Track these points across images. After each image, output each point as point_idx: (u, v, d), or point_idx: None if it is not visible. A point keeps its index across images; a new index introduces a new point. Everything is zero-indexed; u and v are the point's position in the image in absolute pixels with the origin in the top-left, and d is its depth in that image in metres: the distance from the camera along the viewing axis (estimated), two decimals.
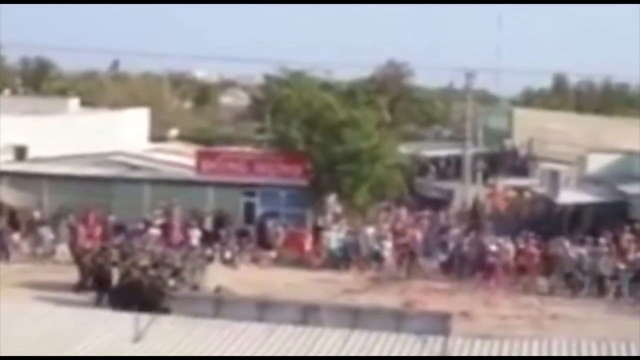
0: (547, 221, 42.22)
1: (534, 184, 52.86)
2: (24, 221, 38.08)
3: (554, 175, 48.31)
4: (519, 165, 59.88)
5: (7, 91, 70.79)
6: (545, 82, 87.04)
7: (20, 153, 44.80)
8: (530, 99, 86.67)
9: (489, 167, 58.53)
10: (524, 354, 12.31)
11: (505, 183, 54.18)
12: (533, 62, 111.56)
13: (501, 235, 37.17)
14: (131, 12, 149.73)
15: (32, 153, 44.59)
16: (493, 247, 34.41)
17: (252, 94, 77.06)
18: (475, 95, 60.74)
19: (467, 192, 51.88)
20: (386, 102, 57.90)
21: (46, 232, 36.59)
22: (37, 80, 75.60)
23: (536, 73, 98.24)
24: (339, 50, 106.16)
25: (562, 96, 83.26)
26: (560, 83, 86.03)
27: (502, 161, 60.78)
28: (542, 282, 33.39)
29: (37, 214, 38.44)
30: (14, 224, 37.51)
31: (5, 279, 31.42)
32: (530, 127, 60.33)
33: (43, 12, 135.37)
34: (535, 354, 12.32)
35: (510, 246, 34.73)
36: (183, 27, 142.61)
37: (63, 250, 35.30)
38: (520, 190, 52.16)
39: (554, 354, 12.42)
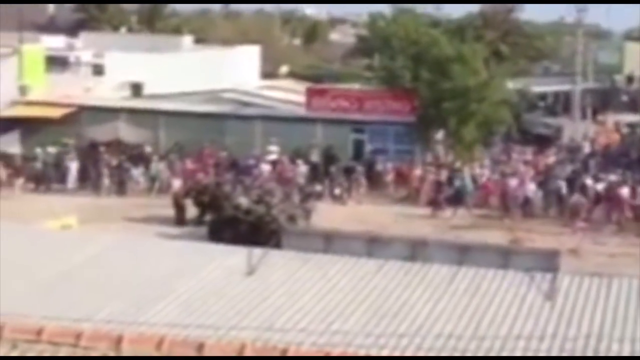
0: None
1: None
2: (141, 157, 39.26)
3: None
4: (630, 101, 58.75)
5: (123, 29, 72.22)
6: None
7: (137, 89, 46.01)
8: None
9: (599, 103, 57.56)
10: (634, 292, 12.29)
11: (616, 119, 53.26)
12: None
13: (610, 173, 36.75)
14: None
15: (147, 90, 45.69)
16: (598, 186, 34.07)
17: (360, 32, 76.93)
18: (586, 29, 59.58)
19: (576, 129, 51.24)
20: (495, 38, 57.21)
21: (162, 168, 37.65)
22: (152, 19, 76.71)
23: None
24: None
25: None
26: None
27: (613, 97, 59.68)
28: None
29: (153, 150, 39.53)
30: (132, 160, 38.67)
31: (122, 213, 32.66)
32: None
33: None
34: None
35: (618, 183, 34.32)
36: None
37: (178, 185, 36.28)
38: (631, 126, 51.28)
39: None
